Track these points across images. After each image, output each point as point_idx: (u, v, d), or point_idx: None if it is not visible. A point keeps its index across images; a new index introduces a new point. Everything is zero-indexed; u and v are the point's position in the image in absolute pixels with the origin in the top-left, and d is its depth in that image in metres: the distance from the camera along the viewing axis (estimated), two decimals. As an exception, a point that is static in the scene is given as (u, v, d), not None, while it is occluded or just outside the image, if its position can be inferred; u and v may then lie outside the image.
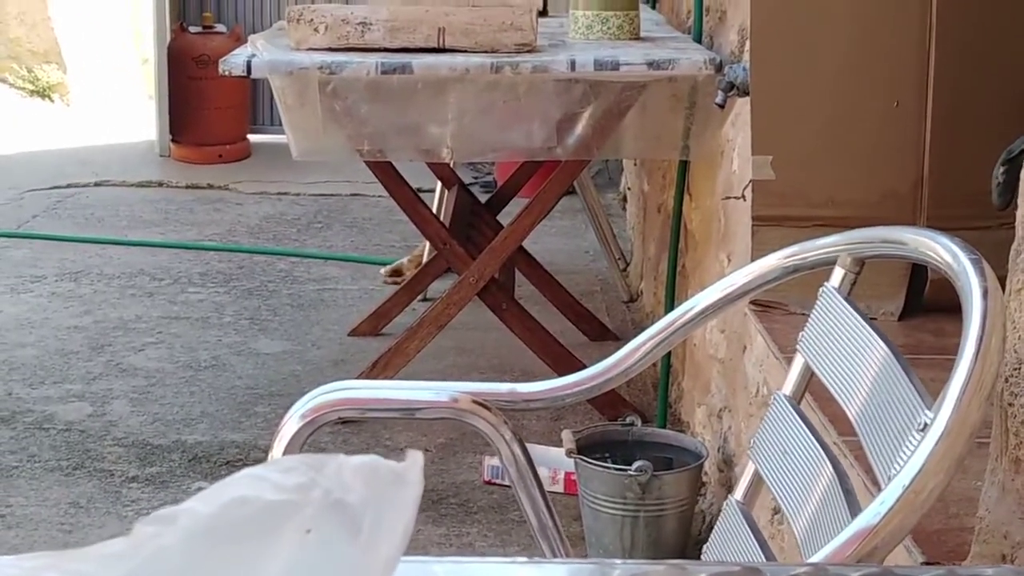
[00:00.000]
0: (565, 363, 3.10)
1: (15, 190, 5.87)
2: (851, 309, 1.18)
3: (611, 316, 4.16)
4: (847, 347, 1.15)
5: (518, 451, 1.38)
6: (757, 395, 2.35)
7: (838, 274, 1.24)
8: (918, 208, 2.07)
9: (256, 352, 3.80)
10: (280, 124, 6.75)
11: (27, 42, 10.74)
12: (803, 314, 2.12)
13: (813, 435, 1.16)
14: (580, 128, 2.96)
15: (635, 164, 4.71)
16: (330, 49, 2.90)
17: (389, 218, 5.46)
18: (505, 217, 4.12)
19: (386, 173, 3.22)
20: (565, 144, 2.95)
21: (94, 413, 3.32)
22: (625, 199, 5.58)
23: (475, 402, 1.39)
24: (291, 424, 1.41)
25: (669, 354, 3.23)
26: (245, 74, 2.86)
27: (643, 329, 4.27)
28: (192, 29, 6.32)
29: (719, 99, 2.43)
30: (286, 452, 1.41)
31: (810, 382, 1.25)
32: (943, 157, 2.06)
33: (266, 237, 5.13)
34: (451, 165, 4.04)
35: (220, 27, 6.39)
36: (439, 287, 4.19)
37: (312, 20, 2.95)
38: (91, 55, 11.04)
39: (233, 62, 2.88)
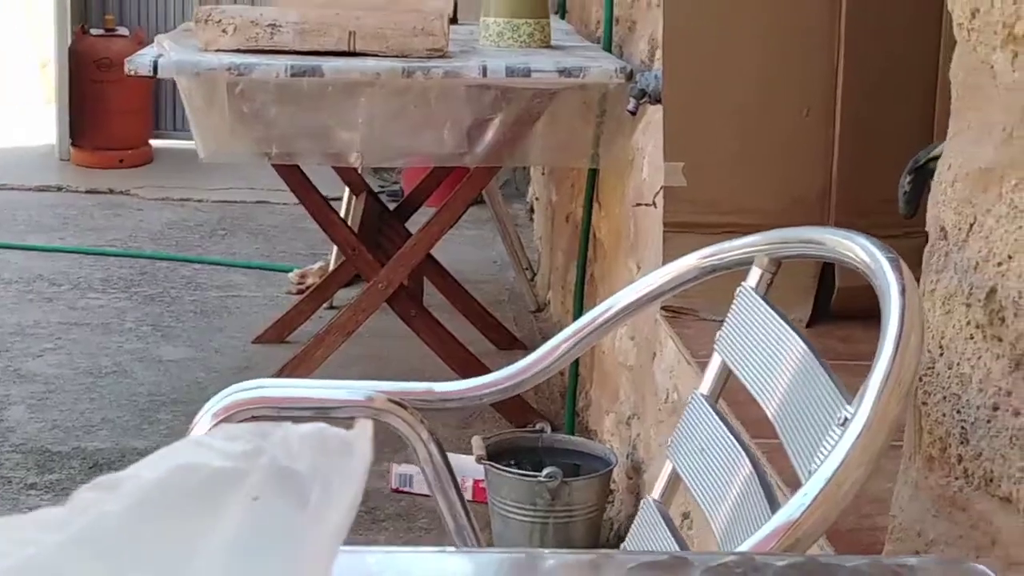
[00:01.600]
0: (474, 371, 3.09)
1: (-93, 194, 5.73)
2: (769, 308, 1.19)
3: (519, 326, 4.16)
4: (765, 346, 1.16)
5: (435, 451, 1.37)
6: (667, 401, 2.36)
7: (755, 274, 1.25)
8: (826, 216, 2.09)
9: (158, 359, 3.74)
10: (184, 129, 6.68)
11: (-80, 43, 10.50)
12: (714, 320, 2.14)
13: (731, 433, 1.16)
14: (490, 135, 2.95)
15: (543, 174, 4.72)
16: (239, 51, 2.86)
17: (295, 225, 5.42)
18: (413, 225, 4.10)
19: (294, 178, 3.19)
20: (475, 151, 2.94)
21: (-10, 419, 3.24)
22: (532, 209, 5.59)
23: (392, 401, 1.37)
24: (203, 423, 1.38)
25: (577, 362, 3.24)
26: (151, 74, 2.81)
27: (550, 337, 4.27)
28: (94, 31, 6.21)
29: (631, 106, 2.45)
30: (197, 452, 1.38)
31: (728, 381, 1.26)
32: (851, 165, 2.09)
33: (168, 243, 5.05)
34: (359, 171, 4.01)
35: (123, 30, 6.29)
36: (345, 295, 4.17)
37: (221, 21, 2.91)
38: (-13, 57, 10.81)
39: (139, 62, 2.84)
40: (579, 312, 3.19)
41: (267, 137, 2.89)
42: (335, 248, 4.29)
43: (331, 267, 4.33)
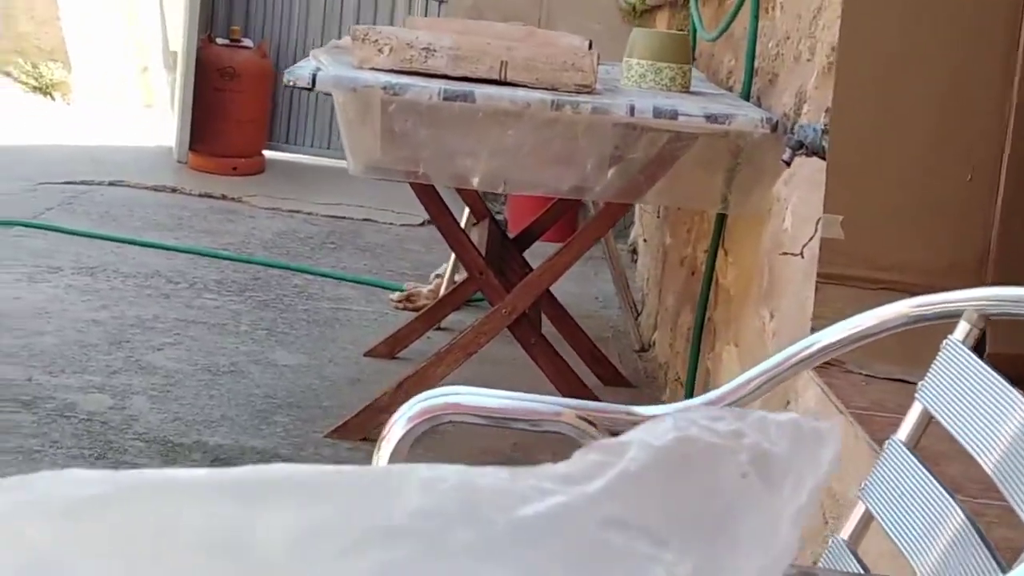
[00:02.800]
0: (583, 397, 3.12)
1: (27, 182, 5.88)
2: (981, 363, 1.22)
3: (623, 363, 4.19)
4: (978, 400, 1.19)
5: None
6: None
7: (963, 328, 1.28)
8: (983, 282, 2.11)
9: (273, 363, 3.82)
10: (296, 143, 6.81)
11: (35, 38, 10.76)
12: (862, 374, 2.17)
13: (937, 481, 1.19)
14: (630, 173, 3.00)
15: (658, 216, 4.77)
16: (392, 71, 2.93)
17: (401, 246, 5.52)
18: (529, 257, 4.17)
19: (430, 198, 3.26)
20: (615, 186, 2.99)
21: (115, 406, 3.33)
22: (635, 251, 5.65)
23: (580, 417, 1.42)
24: (398, 428, 1.43)
25: (691, 392, 3.28)
26: (310, 86, 2.89)
27: (655, 378, 4.32)
28: (219, 41, 6.36)
29: (786, 156, 2.48)
30: (393, 455, 1.43)
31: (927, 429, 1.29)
32: (1011, 234, 2.11)
33: (279, 252, 5.15)
34: (481, 197, 4.08)
35: (247, 41, 6.43)
36: (454, 318, 4.23)
37: (377, 41, 2.99)
38: (94, 58, 11.06)
39: (298, 74, 2.91)
40: (696, 355, 3.22)
41: (415, 157, 2.96)
42: (447, 271, 4.36)
43: (443, 290, 4.40)
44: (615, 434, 1.49)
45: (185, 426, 3.27)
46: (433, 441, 3.22)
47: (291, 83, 2.93)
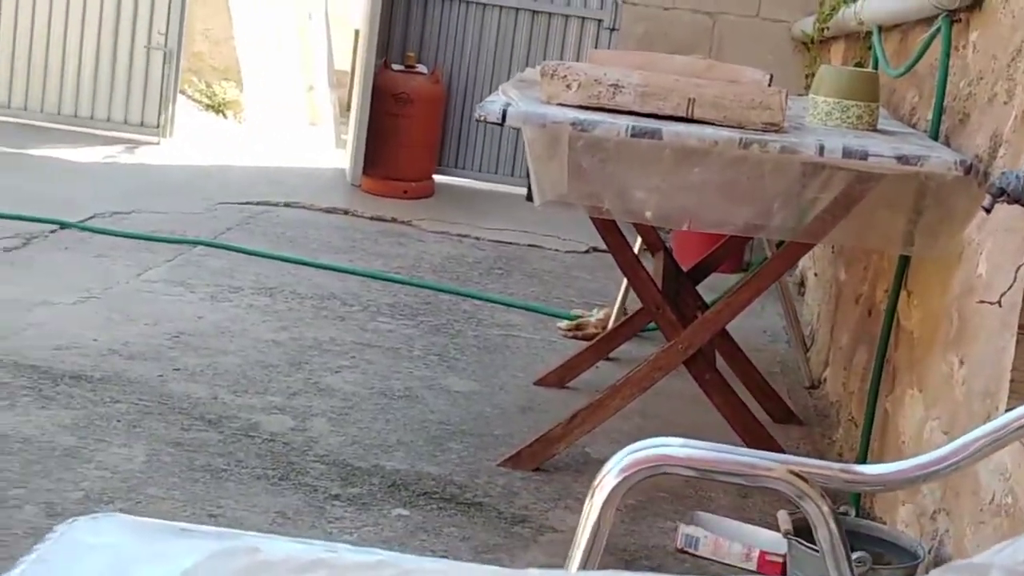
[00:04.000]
0: (762, 442, 3.12)
1: (208, 201, 6.07)
2: None
3: (793, 400, 4.15)
4: None
5: (834, 529, 1.40)
6: (992, 503, 2.33)
7: None
8: None
9: (447, 389, 3.87)
10: (463, 167, 6.90)
11: (209, 58, 11.11)
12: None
13: None
14: (816, 211, 2.98)
15: (832, 251, 4.71)
16: (580, 107, 2.96)
17: (567, 273, 5.56)
18: (702, 289, 4.16)
19: (610, 231, 3.28)
20: (801, 226, 2.97)
21: (296, 427, 3.41)
22: (803, 282, 5.58)
23: (793, 472, 1.41)
24: (609, 478, 1.45)
25: (867, 448, 3.22)
26: (500, 122, 2.93)
27: (826, 416, 4.25)
28: (395, 67, 6.48)
29: (987, 203, 2.43)
30: (605, 504, 1.45)
31: None
32: None
33: (449, 276, 5.22)
34: (654, 228, 4.09)
35: (421, 67, 6.54)
36: (623, 349, 4.24)
37: (566, 77, 3.02)
38: (265, 77, 11.37)
39: (489, 108, 2.95)
40: (874, 398, 3.17)
41: (600, 192, 2.97)
42: (618, 302, 4.37)
43: (612, 321, 4.41)
44: (829, 492, 1.47)
45: (363, 449, 3.33)
46: (543, 482, 3.25)
47: (482, 118, 2.98)
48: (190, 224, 5.50)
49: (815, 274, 5.17)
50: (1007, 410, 1.62)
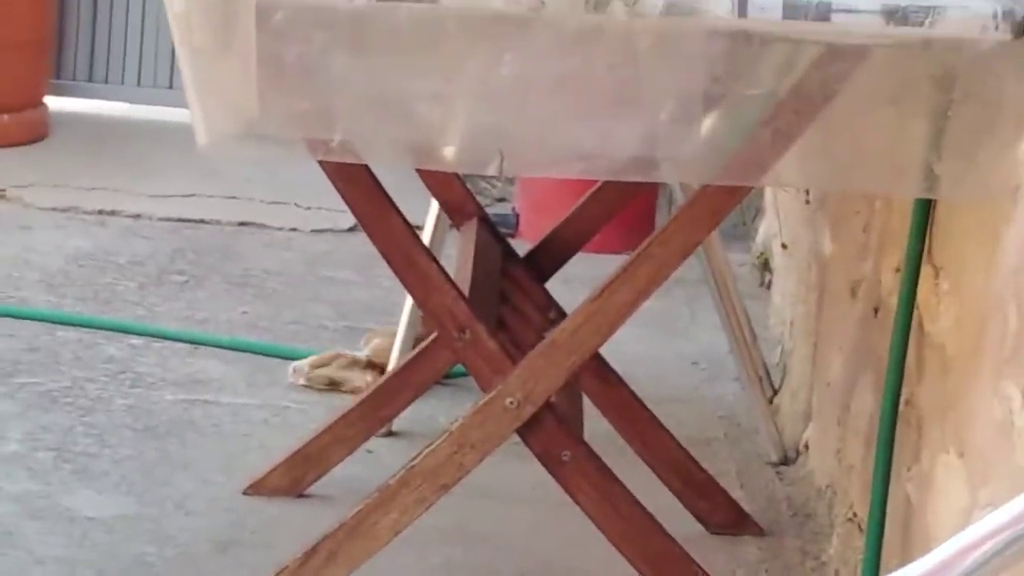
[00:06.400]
0: (672, 568, 1.83)
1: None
2: None
3: (746, 488, 2.67)
4: None
5: None
6: None
7: None
8: None
9: (71, 514, 2.36)
10: (100, 80, 5.01)
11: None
12: None
13: None
14: (744, 127, 1.91)
15: (807, 201, 3.32)
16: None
17: (311, 272, 3.79)
18: (556, 285, 2.73)
19: (360, 187, 1.94)
20: (716, 153, 1.83)
21: None
22: (767, 263, 4.07)
23: None
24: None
25: (880, 542, 1.96)
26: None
27: (810, 516, 3.18)
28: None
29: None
30: None
31: None
32: None
33: (80, 294, 3.52)
34: (461, 180, 2.65)
35: None
36: (414, 414, 2.73)
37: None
38: None
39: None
40: (884, 472, 1.86)
41: (326, 112, 1.78)
42: (403, 324, 2.88)
43: (393, 359, 2.88)
44: None
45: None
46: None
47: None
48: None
49: (783, 245, 3.70)
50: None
